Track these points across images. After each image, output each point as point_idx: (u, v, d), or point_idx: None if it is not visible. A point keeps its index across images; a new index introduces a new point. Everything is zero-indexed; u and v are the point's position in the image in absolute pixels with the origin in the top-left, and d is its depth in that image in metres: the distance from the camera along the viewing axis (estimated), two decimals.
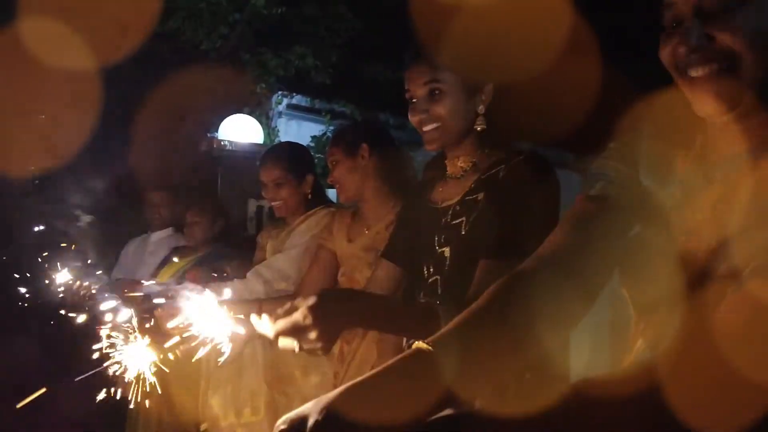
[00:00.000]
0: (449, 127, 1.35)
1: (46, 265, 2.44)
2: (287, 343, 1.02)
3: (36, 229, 2.96)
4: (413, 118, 1.38)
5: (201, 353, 1.09)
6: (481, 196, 1.31)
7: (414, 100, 1.37)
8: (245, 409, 2.08)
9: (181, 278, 2.63)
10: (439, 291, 1.34)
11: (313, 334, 1.00)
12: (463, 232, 1.31)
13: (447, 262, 1.33)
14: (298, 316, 1.01)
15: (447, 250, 1.33)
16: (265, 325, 1.03)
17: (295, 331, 1.01)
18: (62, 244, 2.70)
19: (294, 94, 6.56)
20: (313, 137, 6.08)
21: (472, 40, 1.29)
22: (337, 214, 2.07)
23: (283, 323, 1.01)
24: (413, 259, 1.46)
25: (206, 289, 2.01)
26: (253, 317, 1.05)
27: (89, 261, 2.60)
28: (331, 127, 5.95)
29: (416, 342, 0.73)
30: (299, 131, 6.22)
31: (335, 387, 1.93)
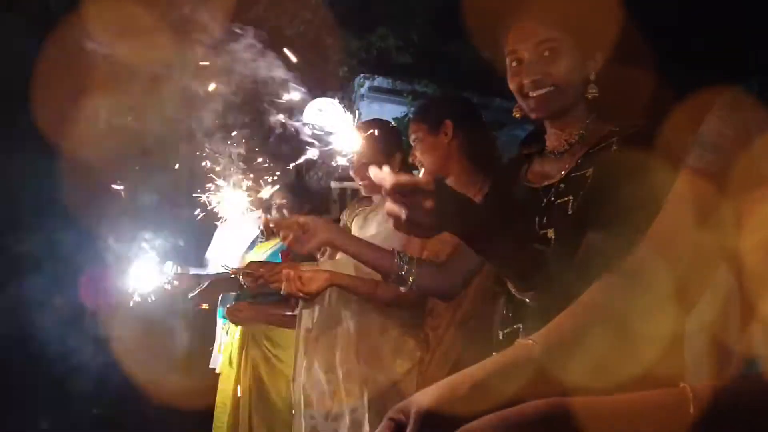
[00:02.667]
0: (564, 90, 1.23)
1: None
2: (395, 209, 0.96)
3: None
4: (519, 80, 1.24)
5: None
6: (590, 171, 1.21)
7: (519, 62, 1.24)
8: (339, 391, 2.05)
9: (272, 258, 2.71)
10: None
11: (428, 203, 0.94)
12: (570, 212, 1.21)
13: (552, 244, 1.23)
14: (422, 178, 0.96)
15: (551, 232, 1.23)
16: (386, 174, 0.95)
17: (412, 190, 0.95)
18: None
19: (375, 76, 6.57)
20: (395, 119, 6.07)
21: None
22: None
23: (405, 177, 0.96)
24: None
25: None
26: (373, 169, 0.98)
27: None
28: (413, 109, 5.93)
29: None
30: (381, 113, 6.21)
31: (421, 374, 1.91)
